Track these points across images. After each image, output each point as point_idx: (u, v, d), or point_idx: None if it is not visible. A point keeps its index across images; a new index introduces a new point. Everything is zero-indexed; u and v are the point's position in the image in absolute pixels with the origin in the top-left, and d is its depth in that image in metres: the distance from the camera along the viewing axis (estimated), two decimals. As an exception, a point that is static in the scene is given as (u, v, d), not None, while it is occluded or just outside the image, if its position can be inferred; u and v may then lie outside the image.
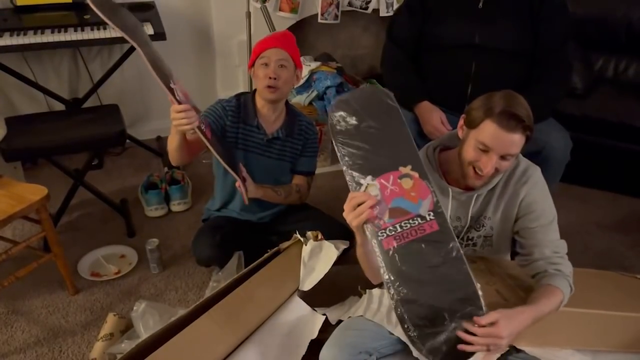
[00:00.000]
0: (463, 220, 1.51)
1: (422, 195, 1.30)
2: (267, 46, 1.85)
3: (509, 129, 1.31)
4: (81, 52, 2.85)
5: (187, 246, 2.25)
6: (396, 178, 1.30)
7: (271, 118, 1.94)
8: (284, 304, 1.72)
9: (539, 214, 1.45)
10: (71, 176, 2.37)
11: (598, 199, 2.68)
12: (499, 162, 1.36)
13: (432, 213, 1.29)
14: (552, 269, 1.40)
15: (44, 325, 1.90)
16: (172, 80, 1.54)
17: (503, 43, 1.89)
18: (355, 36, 3.36)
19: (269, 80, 1.81)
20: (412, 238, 1.29)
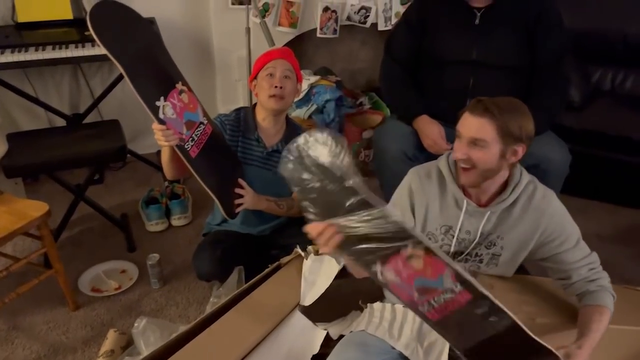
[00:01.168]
0: (472, 235, 1.49)
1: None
2: (271, 57, 1.87)
3: (474, 113, 1.35)
4: (82, 68, 2.87)
5: (187, 261, 2.24)
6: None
7: (271, 131, 1.95)
8: (285, 319, 1.71)
9: (564, 238, 1.46)
10: (72, 192, 2.38)
11: (598, 211, 2.68)
12: (471, 149, 1.36)
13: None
14: (593, 286, 1.43)
15: (44, 342, 1.90)
16: (163, 96, 1.62)
17: (500, 58, 1.90)
18: (354, 50, 3.38)
19: (274, 89, 1.83)
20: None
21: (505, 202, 1.45)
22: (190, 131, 1.71)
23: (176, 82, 1.70)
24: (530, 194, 1.47)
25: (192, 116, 1.73)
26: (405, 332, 1.54)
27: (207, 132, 1.78)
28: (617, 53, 2.88)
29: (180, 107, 1.68)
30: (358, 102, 3.13)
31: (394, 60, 2.07)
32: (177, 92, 1.68)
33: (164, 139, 1.62)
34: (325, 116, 2.95)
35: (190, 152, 1.70)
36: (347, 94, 3.10)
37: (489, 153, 1.35)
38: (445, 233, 1.51)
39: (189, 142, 1.69)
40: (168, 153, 1.73)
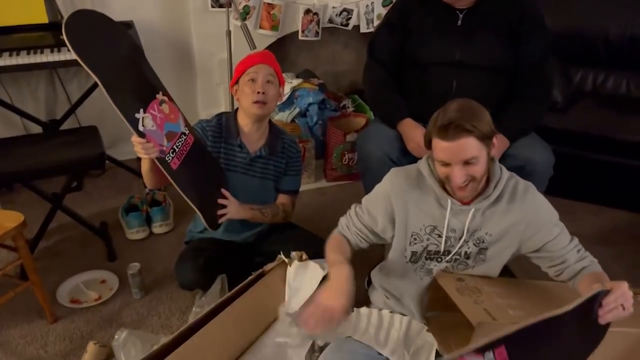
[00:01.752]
0: (458, 233, 1.50)
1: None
2: (253, 62, 1.84)
3: (452, 138, 1.33)
4: (58, 73, 2.80)
5: (169, 269, 2.20)
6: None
7: (254, 137, 1.92)
8: (269, 327, 1.68)
9: (551, 226, 1.50)
10: (49, 200, 2.31)
11: (581, 212, 2.69)
12: (467, 168, 1.36)
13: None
14: (587, 262, 1.50)
15: (21, 356, 1.84)
16: (143, 108, 1.59)
17: (483, 60, 1.90)
18: (337, 53, 3.37)
19: (257, 95, 1.80)
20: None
21: (490, 198, 1.46)
22: (171, 142, 1.67)
23: (157, 92, 1.67)
24: (513, 188, 1.49)
25: (173, 127, 1.69)
26: (392, 337, 1.54)
27: (188, 142, 1.75)
28: (598, 54, 2.90)
29: (161, 118, 1.64)
30: (341, 105, 3.11)
31: (377, 63, 2.05)
32: (157, 102, 1.65)
33: (143, 152, 1.59)
34: (309, 119, 2.93)
35: (171, 164, 1.67)
36: (330, 97, 3.09)
37: (481, 162, 1.38)
38: (431, 232, 1.51)
39: (169, 154, 1.66)
40: (148, 164, 1.69)
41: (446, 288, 1.50)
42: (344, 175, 2.92)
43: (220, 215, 1.84)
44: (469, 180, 1.38)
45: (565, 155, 1.99)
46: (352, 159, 2.87)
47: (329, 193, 2.86)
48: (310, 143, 2.82)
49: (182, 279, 1.92)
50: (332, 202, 2.76)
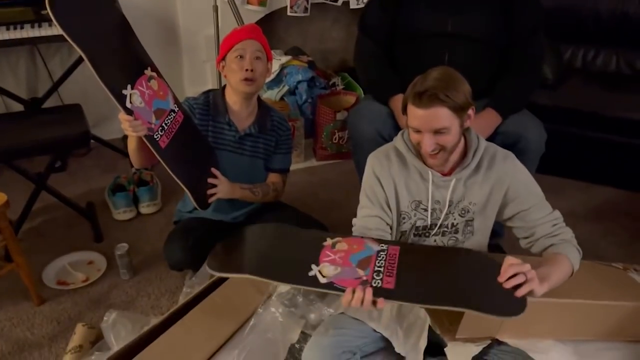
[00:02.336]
0: (442, 204, 1.51)
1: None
2: (240, 38, 1.79)
3: (425, 106, 1.34)
4: (39, 50, 2.72)
5: (158, 250, 2.16)
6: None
7: (243, 114, 1.88)
8: (261, 307, 1.66)
9: (528, 196, 1.49)
10: (32, 180, 2.26)
11: (570, 189, 2.70)
12: (437, 137, 1.38)
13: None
14: (556, 240, 1.45)
15: (8, 339, 1.80)
16: (130, 84, 1.53)
17: (475, 31, 1.87)
18: (326, 29, 3.31)
19: (245, 72, 1.76)
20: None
21: (469, 167, 1.47)
22: (159, 120, 1.62)
23: (145, 68, 1.61)
24: (491, 156, 1.50)
25: (162, 104, 1.64)
26: (384, 313, 1.54)
27: (178, 120, 1.70)
28: (589, 31, 2.89)
29: (149, 95, 1.59)
30: (331, 83, 3.07)
31: (368, 38, 2.01)
32: (145, 78, 1.59)
33: (131, 130, 1.54)
34: (298, 98, 2.89)
35: (160, 142, 1.62)
36: (320, 75, 3.04)
37: (453, 133, 1.38)
38: (416, 208, 1.52)
39: (158, 132, 1.61)
40: (135, 142, 1.64)
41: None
42: (334, 154, 2.90)
43: (210, 195, 1.80)
44: (438, 149, 1.40)
45: (555, 132, 1.98)
46: (343, 138, 2.84)
47: (318, 172, 2.83)
48: (299, 122, 2.78)
49: (171, 260, 1.89)
50: (322, 181, 2.74)
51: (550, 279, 1.32)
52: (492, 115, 1.85)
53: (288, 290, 1.70)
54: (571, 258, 1.41)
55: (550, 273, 1.33)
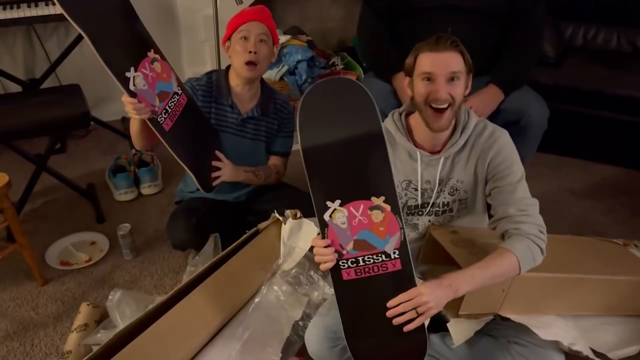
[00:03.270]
0: (432, 183, 1.50)
1: (391, 232, 1.26)
2: (246, 19, 1.77)
3: (441, 49, 1.36)
4: (36, 30, 2.69)
5: (160, 230, 2.18)
6: (366, 209, 1.25)
7: (246, 97, 1.87)
8: (265, 285, 1.68)
9: (506, 172, 1.43)
10: (33, 162, 2.25)
11: (570, 167, 2.71)
12: (450, 86, 1.36)
13: (397, 251, 1.26)
14: (512, 228, 1.36)
15: (12, 319, 1.81)
16: (134, 66, 1.52)
17: (477, 3, 1.86)
18: (324, 8, 3.29)
19: (249, 55, 1.74)
20: (373, 274, 1.26)
21: (457, 144, 1.46)
22: (163, 103, 1.61)
23: (148, 50, 1.59)
24: (478, 133, 1.47)
25: (166, 86, 1.63)
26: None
27: (181, 102, 1.69)
28: (589, 9, 2.88)
29: (153, 77, 1.58)
30: (330, 63, 3.05)
31: (372, 11, 1.99)
32: (149, 61, 1.58)
33: (135, 112, 1.53)
34: (297, 77, 2.87)
35: (164, 125, 1.61)
36: (320, 54, 3.02)
37: (463, 85, 1.39)
38: (407, 187, 1.51)
39: (162, 115, 1.60)
40: (138, 124, 1.63)
41: (441, 240, 1.50)
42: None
43: (214, 178, 1.80)
44: (448, 102, 1.37)
45: (556, 110, 1.98)
46: (342, 118, 2.83)
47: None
48: (299, 102, 2.77)
49: (174, 239, 1.90)
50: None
51: (462, 288, 1.26)
52: (495, 91, 1.85)
53: (291, 269, 1.71)
54: (518, 255, 1.30)
55: (469, 278, 1.27)
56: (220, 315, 1.56)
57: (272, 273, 1.71)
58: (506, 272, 1.31)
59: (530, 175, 1.48)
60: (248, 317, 1.59)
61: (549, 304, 1.48)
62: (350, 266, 1.26)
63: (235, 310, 1.62)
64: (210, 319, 1.54)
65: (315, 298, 1.68)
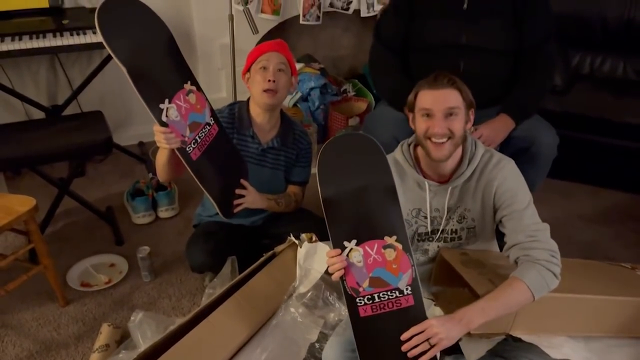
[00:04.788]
0: (441, 212, 1.56)
1: (403, 269, 1.35)
2: (265, 50, 1.83)
3: (438, 87, 1.44)
4: (59, 58, 2.79)
5: (177, 252, 2.23)
6: (380, 247, 1.35)
7: (266, 127, 1.92)
8: (282, 307, 1.71)
9: (512, 201, 1.47)
10: (56, 185, 2.32)
11: (579, 193, 2.74)
12: (448, 121, 1.43)
13: (409, 287, 1.35)
14: (522, 255, 1.39)
15: (35, 339, 1.86)
16: (168, 98, 1.57)
17: (489, 42, 1.92)
18: (336, 37, 3.37)
19: (268, 83, 1.79)
20: (387, 310, 1.35)
21: (464, 175, 1.51)
22: (193, 133, 1.64)
23: (185, 82, 1.63)
24: (485, 163, 1.52)
25: (198, 117, 1.66)
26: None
27: (212, 133, 1.72)
28: (596, 37, 2.93)
29: (186, 109, 1.62)
30: (342, 90, 3.12)
31: (383, 45, 2.06)
32: (184, 92, 1.62)
33: (165, 142, 1.57)
34: (310, 104, 2.95)
35: (192, 154, 1.65)
36: (332, 82, 3.10)
37: (461, 120, 1.46)
38: (417, 215, 1.57)
39: (191, 145, 1.64)
40: (165, 155, 1.68)
41: (451, 261, 1.55)
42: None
43: (236, 205, 1.84)
44: (447, 136, 1.44)
45: (564, 137, 2.02)
46: (354, 143, 2.89)
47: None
48: (312, 127, 2.84)
49: (193, 262, 1.94)
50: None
51: (474, 320, 1.30)
52: (506, 120, 1.90)
53: (307, 291, 1.74)
54: (528, 283, 1.33)
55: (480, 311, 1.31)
56: (239, 336, 1.60)
57: (288, 295, 1.74)
58: (518, 300, 1.35)
59: (540, 200, 1.52)
60: (266, 339, 1.63)
61: (559, 324, 1.50)
62: (367, 303, 1.34)
63: (254, 332, 1.65)
64: (230, 340, 1.58)
65: (331, 319, 1.70)
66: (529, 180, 1.96)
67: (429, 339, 1.28)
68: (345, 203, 1.35)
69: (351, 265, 1.35)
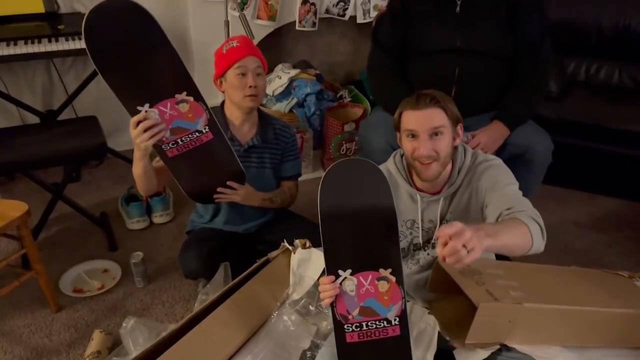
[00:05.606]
0: (435, 222, 1.55)
1: (394, 301, 1.38)
2: (240, 55, 1.81)
3: (420, 107, 1.43)
4: (55, 63, 2.79)
5: (171, 258, 2.22)
6: (374, 279, 1.36)
7: (245, 128, 1.92)
8: (275, 314, 1.70)
9: (493, 185, 1.46)
10: (50, 190, 2.31)
11: (574, 199, 2.74)
12: (433, 141, 1.43)
13: (398, 319, 1.38)
14: (511, 211, 1.34)
15: (26, 345, 1.84)
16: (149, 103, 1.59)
17: (484, 46, 1.92)
18: (333, 43, 3.37)
19: (249, 89, 1.79)
20: (374, 338, 1.38)
21: (455, 184, 1.52)
22: (174, 136, 1.66)
23: (178, 91, 1.63)
24: (474, 170, 1.52)
25: (186, 124, 1.66)
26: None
27: (201, 139, 1.71)
28: (591, 44, 2.95)
29: (171, 115, 1.63)
30: (338, 95, 3.12)
31: (381, 50, 2.06)
32: (174, 101, 1.62)
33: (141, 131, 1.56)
34: (306, 110, 2.94)
35: (168, 152, 1.67)
36: (328, 88, 3.09)
37: (447, 139, 1.45)
38: (411, 227, 1.57)
39: (168, 144, 1.66)
40: (140, 167, 1.69)
41: (449, 270, 1.53)
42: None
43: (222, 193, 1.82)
44: (433, 157, 1.43)
45: (560, 143, 2.03)
46: (350, 149, 2.89)
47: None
48: (308, 133, 2.83)
49: (187, 269, 1.93)
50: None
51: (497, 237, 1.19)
52: (500, 127, 1.90)
53: (301, 298, 1.73)
54: (529, 225, 1.27)
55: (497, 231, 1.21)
56: (231, 343, 1.59)
57: (281, 302, 1.73)
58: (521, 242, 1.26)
59: (535, 207, 1.50)
60: (257, 346, 1.61)
61: (554, 335, 1.49)
62: (355, 330, 1.38)
63: (246, 339, 1.64)
64: (222, 347, 1.56)
65: (324, 328, 1.69)
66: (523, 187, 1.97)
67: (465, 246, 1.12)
68: (344, 230, 1.35)
69: (343, 294, 1.37)
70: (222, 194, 1.82)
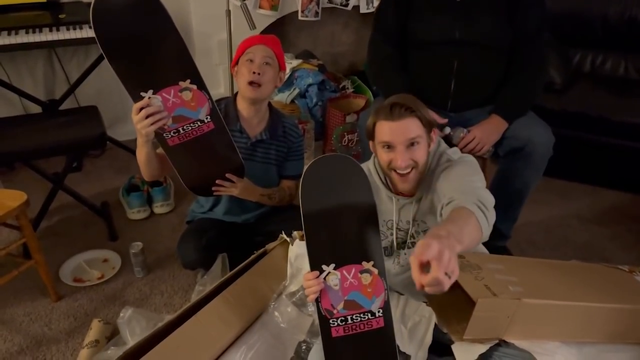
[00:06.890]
0: (409, 223, 1.55)
1: (377, 293, 1.40)
2: (252, 43, 1.82)
3: (396, 118, 1.39)
4: (57, 53, 2.79)
5: (171, 249, 2.22)
6: (357, 272, 1.38)
7: (254, 121, 1.91)
8: (272, 306, 1.71)
9: (447, 177, 1.42)
10: (50, 180, 2.32)
11: (577, 192, 2.72)
12: (410, 152, 1.40)
13: (381, 310, 1.40)
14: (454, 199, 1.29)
15: (26, 334, 1.86)
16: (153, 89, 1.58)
17: (483, 37, 1.89)
18: (336, 33, 3.35)
19: (252, 75, 1.78)
20: (359, 331, 1.40)
21: (421, 188, 1.50)
22: (176, 124, 1.65)
23: (182, 79, 1.62)
24: (436, 169, 1.49)
25: (188, 112, 1.66)
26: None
27: (203, 129, 1.70)
28: (597, 35, 2.91)
29: (174, 103, 1.62)
30: (341, 86, 3.10)
31: (382, 36, 2.04)
32: (177, 89, 1.61)
33: (143, 117, 1.56)
34: (308, 100, 2.93)
35: (168, 140, 1.66)
36: (330, 78, 3.08)
37: (423, 147, 1.42)
38: (392, 227, 1.56)
39: (170, 133, 1.65)
40: (144, 153, 1.69)
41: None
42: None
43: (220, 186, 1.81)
44: (411, 166, 1.42)
45: (563, 136, 2.00)
46: (352, 140, 2.88)
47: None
48: (309, 124, 2.82)
49: (185, 259, 1.94)
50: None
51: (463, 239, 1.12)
52: (497, 121, 1.88)
53: (297, 290, 1.73)
54: (473, 211, 1.21)
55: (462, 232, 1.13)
56: (226, 334, 1.59)
57: (278, 294, 1.74)
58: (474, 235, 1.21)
59: (537, 200, 1.50)
60: (253, 337, 1.62)
61: (553, 331, 1.49)
62: (340, 324, 1.40)
63: (242, 330, 1.64)
64: (217, 338, 1.57)
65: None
66: (523, 180, 1.96)
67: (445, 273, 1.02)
68: (326, 225, 1.37)
69: (328, 288, 1.38)
70: (221, 186, 1.81)
